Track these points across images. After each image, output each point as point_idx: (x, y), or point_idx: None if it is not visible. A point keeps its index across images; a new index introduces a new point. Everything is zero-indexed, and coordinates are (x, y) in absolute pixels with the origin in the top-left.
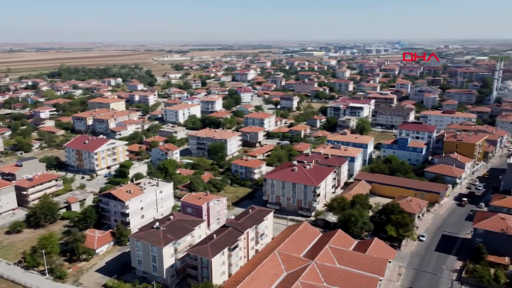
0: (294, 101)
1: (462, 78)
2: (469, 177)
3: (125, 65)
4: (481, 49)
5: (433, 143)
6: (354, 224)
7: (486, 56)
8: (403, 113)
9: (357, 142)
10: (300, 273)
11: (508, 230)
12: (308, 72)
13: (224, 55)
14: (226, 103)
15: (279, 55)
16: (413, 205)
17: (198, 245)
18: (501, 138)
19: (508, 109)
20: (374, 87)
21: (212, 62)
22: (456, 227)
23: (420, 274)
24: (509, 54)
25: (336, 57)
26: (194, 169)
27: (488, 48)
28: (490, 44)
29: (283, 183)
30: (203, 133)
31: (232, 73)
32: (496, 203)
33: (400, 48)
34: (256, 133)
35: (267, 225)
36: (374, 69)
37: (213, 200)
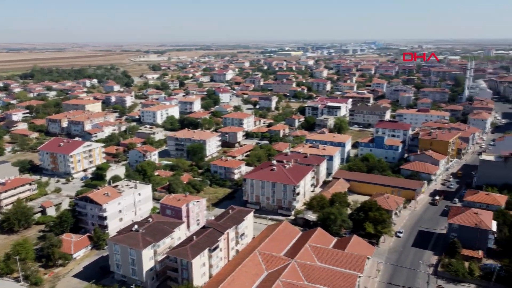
0: (273, 101)
1: (435, 77)
2: (444, 173)
3: (101, 65)
4: (453, 49)
5: (409, 141)
6: (333, 222)
7: (458, 56)
8: (380, 112)
9: (335, 141)
10: (280, 272)
11: (481, 224)
12: (286, 72)
13: (202, 55)
14: (204, 103)
15: (257, 55)
16: (390, 202)
17: (178, 247)
18: (473, 135)
19: (479, 107)
20: (351, 87)
21: (190, 62)
22: (431, 223)
23: (398, 270)
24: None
25: (314, 57)
26: (173, 170)
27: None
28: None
29: (263, 183)
30: (181, 134)
31: (210, 73)
32: (469, 199)
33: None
34: (235, 133)
35: (247, 225)
36: (351, 69)
37: (192, 201)
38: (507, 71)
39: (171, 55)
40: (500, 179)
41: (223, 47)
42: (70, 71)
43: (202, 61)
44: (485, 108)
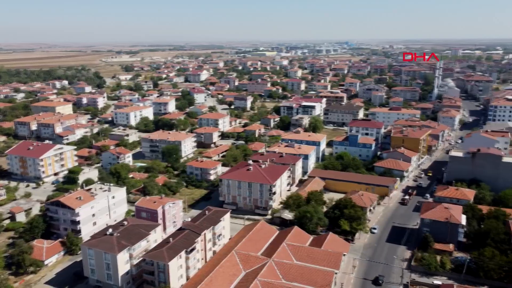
0: (248, 101)
1: (406, 77)
2: (415, 170)
3: (71, 66)
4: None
5: (381, 138)
6: (310, 220)
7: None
8: (353, 111)
9: (310, 140)
10: (258, 271)
11: (452, 219)
12: (261, 72)
13: (175, 56)
14: (179, 104)
15: (232, 55)
16: (365, 199)
17: (154, 249)
18: (442, 132)
19: (448, 105)
20: (325, 86)
21: (163, 63)
22: (404, 219)
23: (373, 265)
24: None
25: (288, 57)
26: (148, 172)
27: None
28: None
29: (239, 183)
30: (156, 136)
31: (184, 74)
32: (440, 194)
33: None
34: (211, 134)
35: (224, 225)
36: (325, 69)
37: (168, 203)
38: (473, 70)
39: (144, 56)
40: (469, 174)
41: (197, 47)
42: (39, 72)
43: (176, 62)
44: (453, 106)
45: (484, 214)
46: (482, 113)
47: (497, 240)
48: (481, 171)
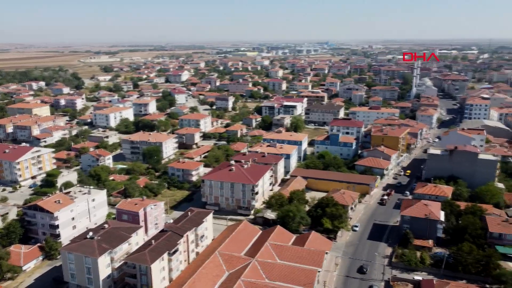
0: (230, 101)
1: (385, 76)
2: (395, 168)
3: (48, 67)
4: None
5: (362, 137)
6: (292, 220)
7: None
8: (334, 110)
9: (292, 140)
10: (241, 271)
11: (431, 215)
12: (242, 72)
13: (156, 56)
14: (160, 105)
15: (213, 55)
16: (346, 197)
17: (136, 252)
18: (421, 130)
19: (426, 104)
20: (306, 86)
21: (143, 63)
22: (385, 216)
23: (355, 263)
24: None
25: (269, 57)
26: (129, 174)
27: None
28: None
29: (221, 184)
30: (136, 137)
31: (165, 74)
32: (419, 191)
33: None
34: (192, 135)
35: (207, 226)
36: (305, 69)
37: (150, 205)
38: (449, 69)
39: (123, 56)
40: (446, 171)
41: (177, 48)
42: (14, 73)
43: (156, 62)
44: (431, 105)
45: (461, 210)
46: (458, 111)
47: (474, 235)
48: (458, 168)
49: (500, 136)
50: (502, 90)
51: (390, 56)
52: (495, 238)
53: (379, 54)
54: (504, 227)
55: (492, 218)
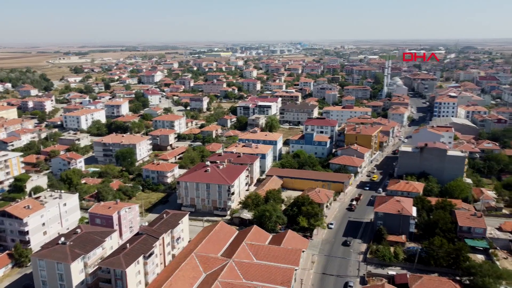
0: (204, 101)
1: (357, 76)
2: (368, 165)
3: (15, 68)
4: (372, 49)
5: (336, 136)
6: (269, 219)
7: (377, 55)
8: (308, 110)
9: (267, 139)
10: (219, 272)
11: (403, 211)
12: (216, 73)
13: (128, 57)
14: (133, 106)
15: (186, 56)
16: (322, 195)
17: (110, 256)
18: (392, 128)
19: (397, 102)
20: (280, 86)
21: (115, 64)
22: (359, 213)
23: (331, 260)
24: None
25: (243, 58)
26: (102, 177)
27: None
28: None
29: (197, 185)
30: (109, 139)
31: (137, 75)
32: (392, 188)
33: (302, 48)
34: (167, 136)
35: (183, 228)
36: (279, 69)
37: (124, 208)
38: (419, 69)
39: (94, 57)
40: (417, 168)
41: (150, 48)
42: None
43: (128, 63)
44: (402, 104)
45: (432, 205)
46: (428, 109)
47: (444, 229)
48: (428, 164)
49: (467, 133)
50: (469, 88)
51: (362, 56)
52: (464, 231)
53: (351, 54)
54: (472, 221)
55: (461, 213)
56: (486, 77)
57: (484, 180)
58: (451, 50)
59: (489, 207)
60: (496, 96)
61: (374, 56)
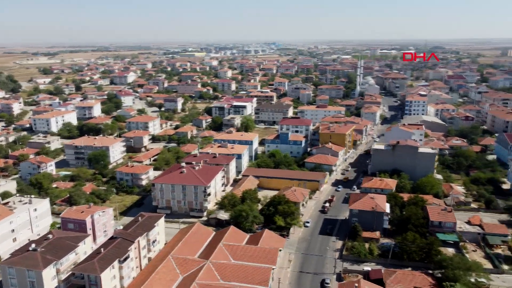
0: (179, 102)
1: (331, 75)
2: (343, 164)
3: None
4: (344, 49)
5: (311, 135)
6: (245, 219)
7: (349, 55)
8: (283, 109)
9: (243, 140)
10: (196, 274)
11: (377, 208)
12: (190, 73)
13: (99, 57)
14: (105, 108)
15: (160, 56)
16: (297, 194)
17: (84, 261)
18: (366, 127)
19: (369, 101)
20: (255, 86)
21: (86, 64)
22: (335, 211)
23: (308, 258)
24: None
25: (217, 58)
26: (74, 181)
27: (351, 48)
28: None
29: (173, 186)
30: (81, 142)
31: (110, 76)
32: (366, 185)
33: (276, 48)
34: (141, 138)
35: (159, 231)
36: (254, 69)
37: (97, 212)
38: (390, 68)
39: (64, 57)
40: (390, 165)
41: (122, 48)
42: None
43: (100, 63)
44: (374, 102)
45: (405, 201)
46: (399, 108)
47: (417, 224)
48: (400, 161)
49: (437, 131)
50: (438, 87)
51: (335, 56)
52: (436, 226)
53: (325, 54)
54: (443, 215)
55: (432, 208)
56: (454, 76)
57: (453, 175)
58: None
59: (458, 202)
60: (464, 94)
61: (347, 56)
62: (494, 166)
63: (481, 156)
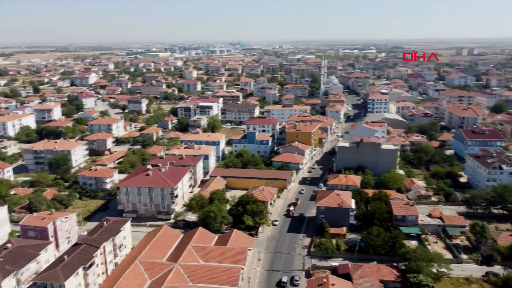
0: (143, 103)
1: (296, 75)
2: (309, 162)
3: None
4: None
5: (277, 134)
6: (214, 220)
7: (313, 55)
8: (249, 109)
9: (210, 140)
10: (165, 277)
11: (343, 204)
12: (155, 74)
13: (58, 58)
14: (66, 110)
15: (122, 56)
16: (265, 193)
17: (47, 270)
18: (330, 125)
19: (333, 100)
20: (221, 86)
21: (44, 66)
22: (302, 209)
23: (277, 256)
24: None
25: (182, 58)
26: (34, 187)
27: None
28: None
29: (139, 189)
30: (40, 146)
31: (70, 77)
32: (332, 182)
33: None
34: (104, 140)
35: (125, 235)
36: (219, 69)
37: (60, 218)
38: (353, 67)
39: (20, 58)
40: (355, 162)
41: (82, 49)
42: None
43: (59, 64)
44: (338, 101)
45: (369, 197)
46: (362, 106)
47: (381, 219)
48: (365, 158)
49: (398, 127)
50: (398, 85)
51: (300, 55)
52: (399, 220)
53: (289, 54)
54: (406, 209)
55: (395, 202)
56: (413, 75)
57: (415, 170)
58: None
59: (419, 196)
60: (422, 92)
61: (311, 55)
62: (452, 161)
63: (439, 151)
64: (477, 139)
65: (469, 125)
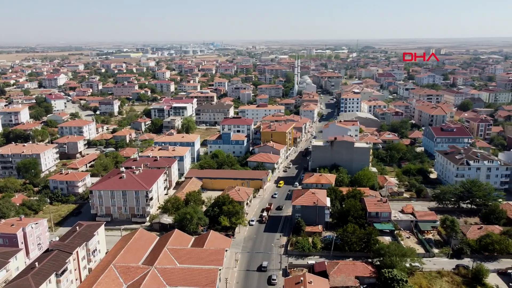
0: (115, 105)
1: (269, 75)
2: (284, 161)
3: None
4: (282, 49)
5: (252, 134)
6: (190, 221)
7: (286, 55)
8: (224, 110)
9: (184, 141)
10: (141, 282)
11: (318, 202)
12: (127, 74)
13: (25, 59)
14: (34, 112)
15: (93, 57)
16: (241, 193)
17: (17, 278)
18: (305, 125)
19: (307, 99)
20: (195, 87)
21: (10, 66)
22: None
23: (254, 256)
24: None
25: (155, 58)
26: (1, 192)
27: (287, 47)
28: (288, 45)
29: (112, 193)
30: (8, 150)
31: (37, 78)
32: (307, 181)
33: (215, 49)
34: (75, 143)
35: (99, 239)
36: (193, 69)
37: (30, 225)
38: (325, 67)
39: None
40: (329, 160)
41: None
42: None
43: (26, 65)
44: (312, 101)
45: (344, 194)
46: (335, 105)
47: (356, 216)
48: (339, 156)
49: (370, 126)
50: (370, 85)
51: (273, 56)
52: (373, 217)
53: (263, 54)
54: (379, 206)
55: (369, 200)
56: (384, 74)
57: (387, 168)
58: (353, 49)
59: (392, 192)
60: (393, 91)
61: (284, 56)
62: (422, 158)
63: (410, 148)
64: (445, 136)
65: (438, 123)
